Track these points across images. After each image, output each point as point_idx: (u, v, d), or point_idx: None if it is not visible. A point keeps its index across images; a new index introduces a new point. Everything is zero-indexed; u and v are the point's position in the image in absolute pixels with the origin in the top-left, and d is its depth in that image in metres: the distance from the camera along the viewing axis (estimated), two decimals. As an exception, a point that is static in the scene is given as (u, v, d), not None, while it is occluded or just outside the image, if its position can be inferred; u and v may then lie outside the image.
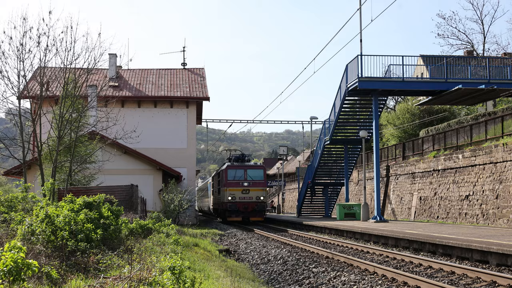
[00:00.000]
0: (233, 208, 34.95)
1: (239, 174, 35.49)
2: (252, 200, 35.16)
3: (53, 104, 22.22)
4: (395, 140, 45.65)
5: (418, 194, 31.49)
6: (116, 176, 30.21)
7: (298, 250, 17.37)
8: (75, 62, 19.91)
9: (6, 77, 18.88)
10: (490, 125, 27.26)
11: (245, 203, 35.04)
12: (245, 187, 35.15)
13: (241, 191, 35.06)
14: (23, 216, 11.32)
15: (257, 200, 35.32)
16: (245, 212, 35.10)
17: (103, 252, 10.59)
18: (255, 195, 35.27)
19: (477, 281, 10.72)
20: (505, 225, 22.27)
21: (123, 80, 39.55)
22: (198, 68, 43.04)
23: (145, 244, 13.18)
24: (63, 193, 17.90)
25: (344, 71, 28.86)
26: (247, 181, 35.28)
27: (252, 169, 36.04)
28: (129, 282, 7.38)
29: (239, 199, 35.06)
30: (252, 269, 14.93)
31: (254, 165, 37.45)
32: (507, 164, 22.98)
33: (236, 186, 35.17)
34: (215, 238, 24.75)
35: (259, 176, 35.94)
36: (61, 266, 8.93)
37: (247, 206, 35.02)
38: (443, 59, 30.64)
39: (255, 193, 35.26)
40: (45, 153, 20.81)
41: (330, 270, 12.61)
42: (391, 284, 10.63)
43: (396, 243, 18.16)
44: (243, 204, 34.98)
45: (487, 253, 13.18)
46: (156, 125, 36.98)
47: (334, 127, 31.67)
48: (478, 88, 26.94)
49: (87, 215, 11.48)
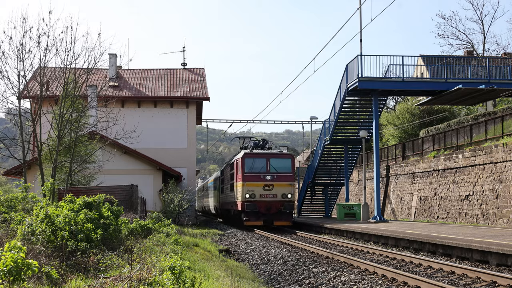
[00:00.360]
0: (252, 209, 27.70)
1: (259, 164, 28.31)
2: (276, 198, 27.89)
3: (53, 104, 22.23)
4: (395, 140, 45.65)
5: (418, 194, 31.49)
6: (116, 176, 30.19)
7: (298, 250, 17.37)
8: (75, 62, 19.94)
9: (6, 77, 18.91)
10: (490, 125, 27.26)
11: (267, 202, 27.84)
12: (267, 182, 27.93)
13: (262, 186, 27.81)
14: (23, 216, 11.33)
15: (283, 199, 27.93)
16: (268, 214, 27.99)
17: (103, 252, 10.60)
18: (281, 192, 27.97)
19: (477, 281, 10.73)
20: (505, 225, 22.27)
21: (123, 80, 39.55)
22: (198, 68, 43.04)
23: (145, 244, 13.18)
24: (63, 193, 17.89)
25: (344, 71, 28.88)
26: (270, 174, 28.11)
27: (276, 158, 28.75)
28: (129, 282, 7.38)
29: (259, 197, 27.72)
30: (252, 269, 14.94)
31: (280, 153, 29.50)
32: (507, 164, 22.98)
33: (256, 180, 27.91)
34: (215, 238, 24.74)
35: (286, 167, 28.58)
36: (61, 266, 8.93)
37: (270, 206, 27.89)
38: (443, 59, 30.65)
39: (280, 190, 28.00)
40: (45, 153, 20.82)
41: (330, 270, 12.61)
42: (391, 284, 10.64)
43: (396, 243, 18.17)
44: (265, 204, 27.81)
45: (487, 253, 13.19)
46: (156, 125, 36.96)
47: (334, 127, 31.67)
48: (478, 88, 26.96)
49: (87, 215, 11.48)
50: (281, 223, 28.24)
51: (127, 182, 26.51)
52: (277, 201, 27.90)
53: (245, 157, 28.42)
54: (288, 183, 28.36)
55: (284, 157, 28.98)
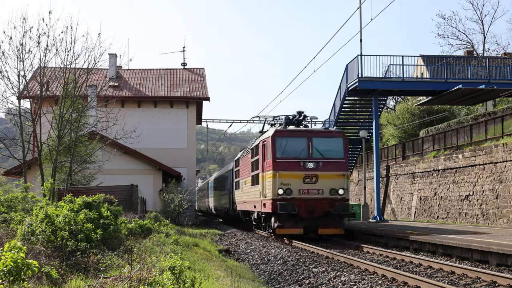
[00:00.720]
0: (289, 211, 19.01)
1: (297, 146, 19.88)
2: (323, 195, 19.47)
3: (53, 104, 22.25)
4: (395, 140, 45.66)
5: (418, 194, 31.50)
6: (116, 176, 30.21)
7: (298, 250, 17.37)
8: (75, 62, 20.00)
9: (6, 77, 18.98)
10: (490, 125, 27.27)
11: (310, 201, 19.34)
12: (310, 172, 19.45)
13: (302, 178, 19.37)
14: (23, 216, 11.34)
15: (332, 196, 19.50)
16: (310, 218, 19.31)
17: (103, 252, 10.60)
18: (329, 186, 19.53)
19: (477, 281, 10.73)
20: (505, 225, 22.28)
21: (123, 80, 39.56)
22: (198, 68, 43.06)
23: (145, 244, 13.19)
24: (63, 193, 17.90)
25: (344, 71, 28.89)
26: (314, 160, 19.63)
27: (322, 138, 20.36)
28: (129, 282, 7.38)
29: (298, 193, 19.31)
30: (252, 269, 14.94)
31: (326, 131, 21.40)
32: (507, 164, 22.98)
33: (294, 170, 19.43)
34: (215, 238, 24.74)
35: (336, 151, 20.07)
36: (61, 266, 8.93)
37: (313, 207, 19.27)
38: (443, 59, 30.66)
39: (328, 183, 19.57)
40: (45, 153, 20.83)
41: (330, 270, 12.61)
42: (391, 284, 10.63)
43: (396, 243, 18.16)
44: (306, 204, 19.25)
45: (487, 253, 13.19)
46: (156, 125, 36.97)
47: (334, 127, 31.68)
48: (478, 88, 26.98)
49: (87, 215, 11.49)
50: (329, 231, 19.52)
51: (127, 182, 26.54)
52: (323, 199, 19.33)
53: (276, 135, 19.72)
54: (339, 174, 19.63)
55: (333, 136, 20.36)
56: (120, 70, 40.52)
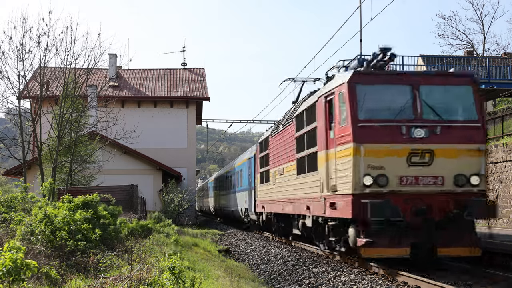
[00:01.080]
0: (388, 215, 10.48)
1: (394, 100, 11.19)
2: (442, 186, 10.83)
3: (53, 104, 22.24)
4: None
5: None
6: (116, 176, 30.19)
7: (298, 250, 17.36)
8: (75, 62, 19.98)
9: (6, 77, 18.97)
10: (490, 125, 27.26)
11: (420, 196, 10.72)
12: (418, 144, 10.75)
13: (406, 156, 10.68)
14: (22, 216, 11.33)
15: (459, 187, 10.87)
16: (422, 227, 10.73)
17: (103, 252, 10.60)
18: (453, 170, 10.87)
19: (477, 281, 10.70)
20: (505, 225, 22.27)
21: (123, 80, 39.56)
22: (198, 68, 43.05)
23: (145, 244, 13.19)
24: (63, 193, 17.89)
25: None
26: (425, 124, 10.88)
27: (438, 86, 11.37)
28: (129, 282, 7.38)
29: (400, 183, 10.70)
30: (252, 269, 14.93)
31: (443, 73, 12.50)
32: (507, 164, 22.98)
33: (389, 140, 10.74)
34: (215, 238, 24.73)
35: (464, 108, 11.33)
36: (61, 266, 8.93)
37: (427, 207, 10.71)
38: (443, 59, 30.68)
39: (451, 164, 10.84)
40: (45, 153, 20.82)
41: (330, 270, 12.60)
42: (391, 284, 10.61)
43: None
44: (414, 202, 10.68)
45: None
46: (156, 125, 36.97)
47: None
48: (478, 88, 26.92)
49: (83, 215, 11.47)
50: (456, 250, 10.93)
51: (127, 182, 26.52)
52: (445, 193, 10.87)
53: (357, 80, 11.25)
54: (471, 148, 10.98)
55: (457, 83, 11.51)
56: (120, 70, 40.51)
